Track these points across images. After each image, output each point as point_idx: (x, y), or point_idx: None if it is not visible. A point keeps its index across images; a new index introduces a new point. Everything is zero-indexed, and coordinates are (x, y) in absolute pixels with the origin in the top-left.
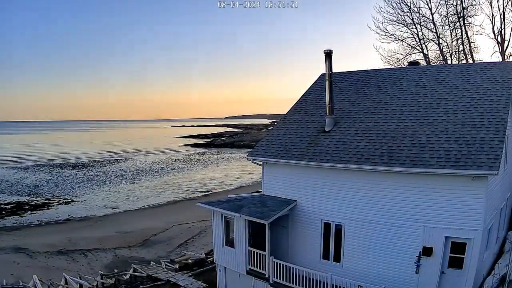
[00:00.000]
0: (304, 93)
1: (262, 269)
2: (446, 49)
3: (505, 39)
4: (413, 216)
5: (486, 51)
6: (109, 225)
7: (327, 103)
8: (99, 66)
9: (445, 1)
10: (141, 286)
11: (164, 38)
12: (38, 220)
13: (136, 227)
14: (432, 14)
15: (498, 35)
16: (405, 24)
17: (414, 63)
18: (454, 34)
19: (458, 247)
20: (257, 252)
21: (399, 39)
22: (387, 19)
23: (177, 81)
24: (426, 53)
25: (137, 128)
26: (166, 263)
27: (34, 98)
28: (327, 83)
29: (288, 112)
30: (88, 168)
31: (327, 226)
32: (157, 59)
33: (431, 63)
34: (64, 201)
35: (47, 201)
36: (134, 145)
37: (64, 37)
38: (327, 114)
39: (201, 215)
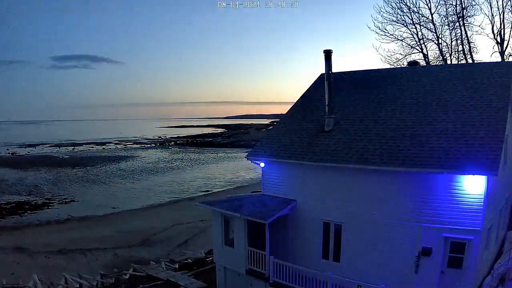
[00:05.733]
0: (304, 93)
1: (262, 269)
2: (446, 49)
3: (505, 39)
4: (412, 216)
5: (485, 51)
6: (109, 225)
7: (327, 103)
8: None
9: (445, 1)
10: (141, 286)
11: (167, 38)
12: (38, 220)
13: (136, 227)
14: (432, 14)
15: (497, 35)
16: (405, 24)
17: (413, 63)
18: (454, 34)
19: (457, 247)
20: (256, 252)
21: (398, 39)
22: (386, 19)
23: (177, 80)
24: (426, 53)
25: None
26: (165, 262)
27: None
28: (326, 83)
29: (287, 112)
30: (88, 167)
31: (326, 225)
32: (156, 59)
33: (430, 63)
34: (64, 200)
35: (47, 201)
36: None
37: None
38: (327, 114)
39: (201, 215)
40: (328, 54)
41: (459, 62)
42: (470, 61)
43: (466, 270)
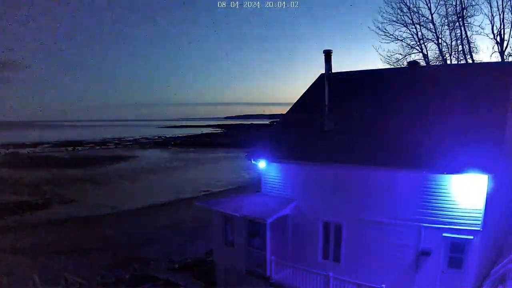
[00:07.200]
0: (304, 93)
1: (262, 269)
2: (446, 49)
3: (504, 39)
4: (412, 216)
5: (485, 51)
6: (109, 225)
7: (327, 103)
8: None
9: (445, 1)
10: (141, 286)
11: (165, 39)
12: (38, 220)
13: (136, 227)
14: (432, 14)
15: (497, 35)
16: (405, 24)
17: (413, 63)
18: (454, 34)
19: (457, 247)
20: (256, 252)
21: (398, 39)
22: (386, 19)
23: (176, 81)
24: (426, 53)
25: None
26: (166, 262)
27: None
28: (326, 83)
29: (287, 112)
30: (88, 167)
31: (326, 225)
32: (154, 60)
33: (430, 63)
34: (64, 200)
35: (47, 201)
36: None
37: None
38: (327, 114)
39: (201, 215)
40: (328, 54)
41: (459, 62)
42: (470, 61)
43: (466, 270)
